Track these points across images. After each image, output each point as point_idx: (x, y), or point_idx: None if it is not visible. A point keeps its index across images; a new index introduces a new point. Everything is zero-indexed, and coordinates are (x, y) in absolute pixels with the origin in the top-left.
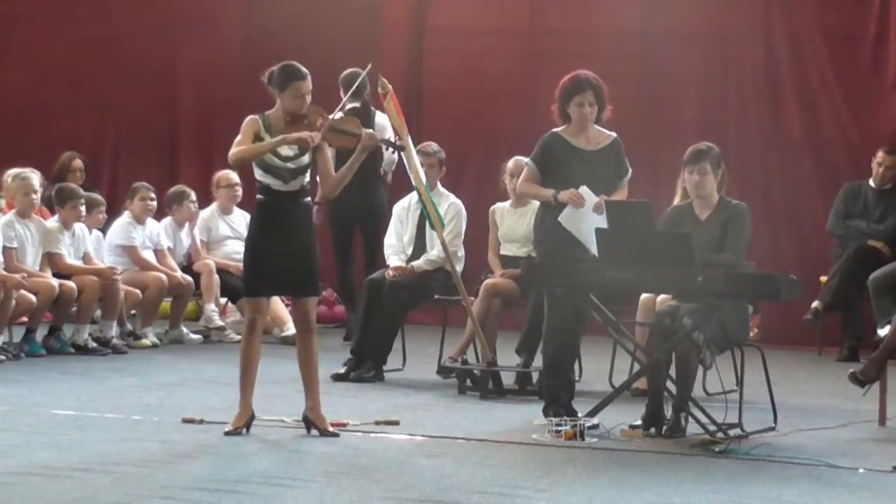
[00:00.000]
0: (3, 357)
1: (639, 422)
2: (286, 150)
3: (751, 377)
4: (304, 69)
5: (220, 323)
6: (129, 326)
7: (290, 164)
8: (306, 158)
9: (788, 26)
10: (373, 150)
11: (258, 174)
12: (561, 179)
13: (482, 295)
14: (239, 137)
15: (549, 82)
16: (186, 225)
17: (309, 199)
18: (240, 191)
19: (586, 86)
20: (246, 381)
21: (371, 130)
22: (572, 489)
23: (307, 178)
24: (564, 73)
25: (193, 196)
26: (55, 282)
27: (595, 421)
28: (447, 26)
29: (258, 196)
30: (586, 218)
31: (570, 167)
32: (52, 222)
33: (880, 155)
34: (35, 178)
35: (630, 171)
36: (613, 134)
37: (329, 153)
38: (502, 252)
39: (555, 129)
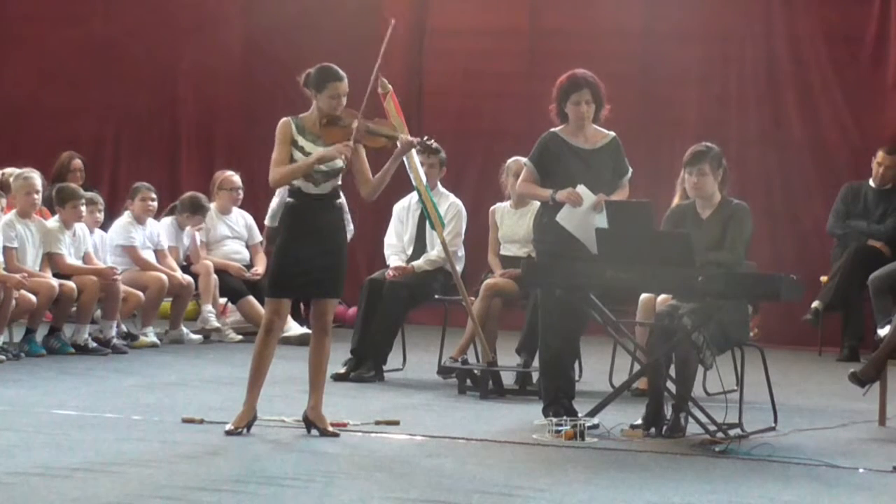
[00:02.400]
0: (3, 357)
1: (639, 421)
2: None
3: (751, 377)
4: (341, 71)
5: (216, 324)
6: (124, 328)
7: (323, 168)
8: (339, 162)
9: (789, 26)
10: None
11: None
12: (559, 178)
13: (482, 295)
14: (275, 151)
15: (550, 82)
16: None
17: (341, 200)
18: (241, 193)
19: (583, 84)
20: (255, 381)
21: (406, 136)
22: (572, 489)
23: (339, 181)
24: (565, 72)
25: (210, 209)
26: (55, 282)
27: (595, 421)
28: (447, 26)
29: (288, 199)
30: (585, 216)
31: (568, 166)
32: (53, 222)
33: (880, 155)
34: (37, 177)
35: (630, 170)
36: (612, 133)
37: (365, 155)
38: (502, 252)
39: (552, 129)
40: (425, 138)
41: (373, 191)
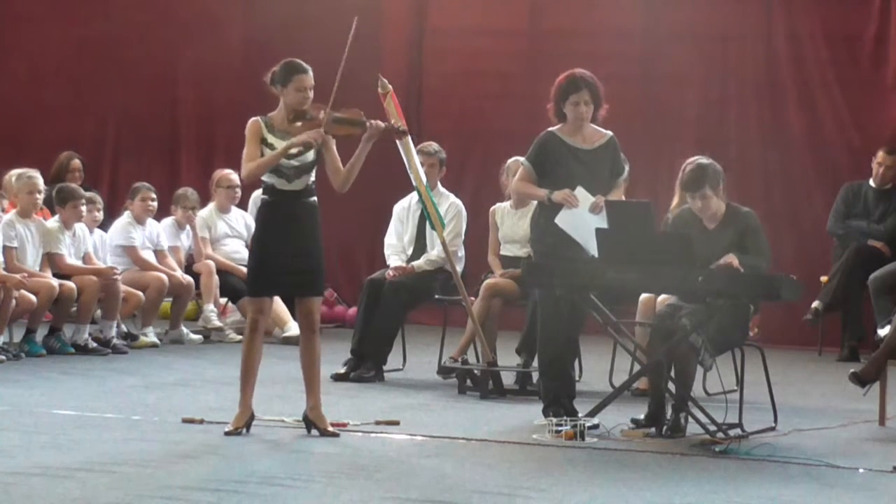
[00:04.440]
0: (3, 357)
1: (640, 416)
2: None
3: (751, 377)
4: (305, 64)
5: (218, 323)
6: (124, 328)
7: (294, 162)
8: (311, 156)
9: (788, 26)
10: (378, 138)
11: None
12: (557, 178)
13: (482, 295)
14: (245, 148)
15: (549, 82)
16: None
17: (315, 198)
18: (239, 192)
19: (581, 84)
20: (246, 381)
21: (377, 121)
22: (572, 489)
23: (312, 177)
24: (564, 72)
25: (192, 202)
26: (55, 282)
27: (595, 421)
28: (447, 26)
29: (262, 196)
30: (583, 219)
31: (567, 166)
32: (53, 222)
33: (880, 155)
34: (39, 177)
35: (626, 169)
36: (609, 132)
37: (335, 147)
38: (503, 252)
39: (550, 129)
40: (393, 122)
41: (344, 180)
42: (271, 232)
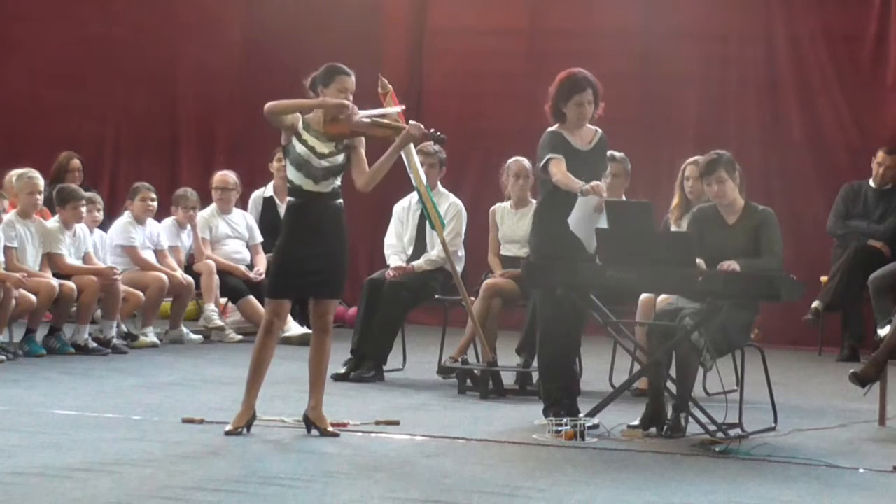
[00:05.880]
0: (3, 357)
1: (636, 422)
2: (323, 148)
3: (751, 377)
4: (348, 68)
5: (219, 323)
6: (124, 328)
7: (324, 163)
8: (340, 158)
9: (789, 26)
10: (415, 142)
11: (290, 174)
12: None
13: (482, 295)
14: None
15: (550, 82)
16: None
17: (341, 200)
18: (231, 195)
19: (585, 85)
20: (254, 381)
21: (416, 122)
22: (572, 489)
23: (339, 181)
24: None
25: (193, 202)
26: (55, 282)
27: (595, 421)
28: (447, 26)
29: (288, 197)
30: (593, 221)
31: (571, 167)
32: (53, 222)
33: (880, 155)
34: (40, 178)
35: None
36: (599, 130)
37: (363, 151)
38: (502, 252)
39: (552, 128)
40: (432, 130)
41: (369, 181)
42: (296, 235)
